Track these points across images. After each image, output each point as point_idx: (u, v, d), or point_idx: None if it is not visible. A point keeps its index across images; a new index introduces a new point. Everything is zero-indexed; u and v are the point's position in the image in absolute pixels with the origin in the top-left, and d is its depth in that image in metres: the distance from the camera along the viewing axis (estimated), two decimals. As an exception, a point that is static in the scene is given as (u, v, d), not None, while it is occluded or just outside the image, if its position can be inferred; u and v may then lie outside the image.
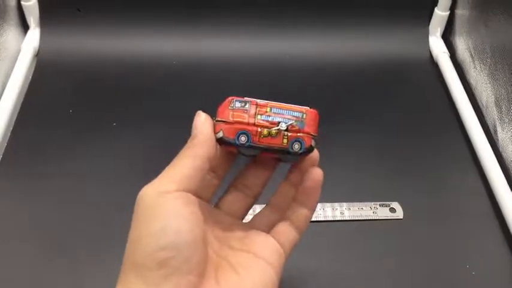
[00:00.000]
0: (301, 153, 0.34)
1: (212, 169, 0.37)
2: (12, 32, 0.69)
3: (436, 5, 0.73)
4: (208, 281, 0.31)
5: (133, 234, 0.30)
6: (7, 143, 0.58)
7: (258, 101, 0.34)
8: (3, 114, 0.60)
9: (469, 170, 0.58)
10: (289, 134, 0.34)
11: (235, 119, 0.33)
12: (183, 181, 0.31)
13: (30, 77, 0.67)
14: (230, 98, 0.34)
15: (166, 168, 0.32)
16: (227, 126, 0.33)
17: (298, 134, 0.34)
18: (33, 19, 0.71)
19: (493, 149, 0.58)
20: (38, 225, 0.50)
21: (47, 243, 0.49)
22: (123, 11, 0.71)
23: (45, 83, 0.66)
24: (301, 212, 0.37)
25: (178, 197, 0.30)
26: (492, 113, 0.62)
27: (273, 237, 0.36)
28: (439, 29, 0.74)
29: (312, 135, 0.34)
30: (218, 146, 0.34)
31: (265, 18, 0.72)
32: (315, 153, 0.36)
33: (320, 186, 0.36)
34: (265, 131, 0.34)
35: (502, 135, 0.59)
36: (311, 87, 0.68)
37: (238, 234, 0.36)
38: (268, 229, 0.37)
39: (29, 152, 0.57)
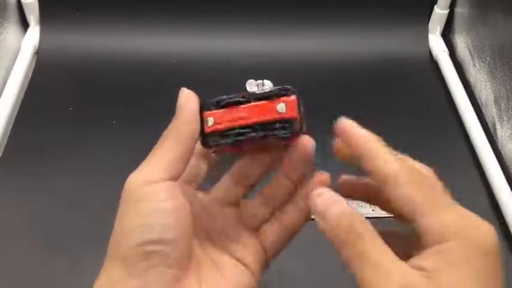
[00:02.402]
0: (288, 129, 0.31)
1: (202, 154, 0.35)
2: (12, 30, 0.69)
3: (435, 4, 0.73)
4: (191, 274, 0.31)
5: (118, 224, 0.30)
6: (7, 141, 0.58)
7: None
8: (3, 111, 0.60)
9: (469, 168, 0.58)
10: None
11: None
12: (168, 168, 0.30)
13: (30, 75, 0.67)
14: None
15: (151, 153, 0.31)
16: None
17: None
18: (33, 17, 0.71)
19: (492, 147, 0.59)
20: (38, 223, 0.50)
21: (46, 241, 0.49)
22: (122, 9, 0.71)
23: (45, 80, 0.66)
24: (294, 215, 0.34)
25: (164, 189, 0.30)
26: (491, 111, 0.62)
27: (260, 237, 0.34)
28: (438, 28, 0.74)
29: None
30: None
31: (266, 17, 0.72)
32: (307, 142, 0.33)
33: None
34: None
35: (501, 133, 0.60)
36: (310, 86, 0.67)
37: (226, 230, 0.35)
38: (257, 223, 0.35)
39: (29, 149, 0.57)
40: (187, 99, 0.33)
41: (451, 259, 0.28)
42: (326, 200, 0.30)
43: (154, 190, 0.30)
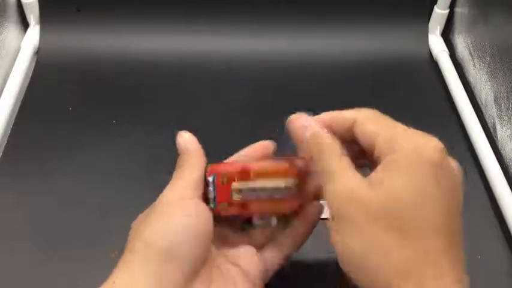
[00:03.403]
0: None
1: None
2: (12, 29, 0.69)
3: (435, 3, 0.73)
4: (201, 280, 0.35)
5: (146, 228, 0.34)
6: (7, 141, 0.58)
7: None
8: (3, 112, 0.60)
9: (469, 168, 0.58)
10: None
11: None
12: (196, 188, 0.36)
13: (30, 75, 0.67)
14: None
15: (178, 175, 0.36)
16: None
17: None
18: (33, 17, 0.71)
19: (492, 147, 0.59)
20: (38, 223, 0.50)
21: (46, 241, 0.49)
22: (122, 9, 0.71)
23: (45, 80, 0.66)
24: (292, 240, 0.39)
25: (193, 204, 0.35)
26: (491, 111, 0.62)
27: (262, 257, 0.39)
28: (438, 28, 0.74)
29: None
30: None
31: (265, 17, 0.72)
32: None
33: (315, 226, 0.39)
34: None
35: (501, 133, 0.60)
36: (310, 86, 0.68)
37: (234, 246, 0.39)
38: (263, 242, 0.40)
39: (29, 150, 0.57)
40: (189, 143, 0.38)
41: (396, 167, 0.31)
42: (303, 124, 0.35)
43: (186, 204, 0.35)
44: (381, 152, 0.32)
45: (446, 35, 0.76)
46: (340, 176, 0.32)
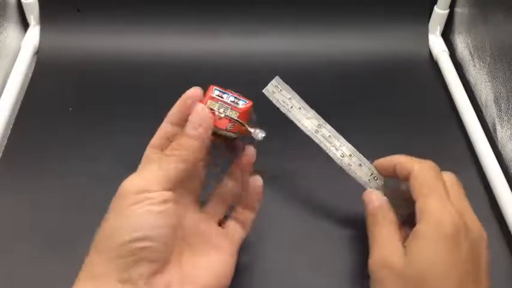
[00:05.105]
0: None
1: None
2: (12, 29, 0.69)
3: (435, 3, 0.73)
4: (172, 264, 0.35)
5: (110, 222, 0.34)
6: (7, 141, 0.58)
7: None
8: (3, 112, 0.60)
9: (469, 168, 0.58)
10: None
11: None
12: (165, 183, 0.35)
13: (30, 75, 0.67)
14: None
15: (152, 163, 0.36)
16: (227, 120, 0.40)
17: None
18: (33, 17, 0.71)
19: (492, 147, 0.59)
20: (38, 224, 0.50)
21: (46, 241, 0.49)
22: (123, 9, 0.71)
23: (45, 81, 0.66)
24: (246, 215, 0.43)
25: (157, 196, 0.34)
26: (491, 111, 0.62)
27: (227, 230, 0.42)
28: (438, 28, 0.74)
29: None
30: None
31: (266, 18, 0.72)
32: (251, 153, 0.42)
33: (261, 192, 0.43)
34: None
35: (501, 133, 0.60)
36: (309, 86, 0.67)
37: (202, 226, 0.41)
38: (220, 218, 0.42)
39: (29, 150, 0.57)
40: (205, 121, 0.39)
41: (422, 237, 0.38)
42: (372, 198, 0.44)
43: (148, 197, 0.34)
44: (417, 215, 0.39)
45: (447, 35, 0.76)
46: (379, 245, 0.40)
